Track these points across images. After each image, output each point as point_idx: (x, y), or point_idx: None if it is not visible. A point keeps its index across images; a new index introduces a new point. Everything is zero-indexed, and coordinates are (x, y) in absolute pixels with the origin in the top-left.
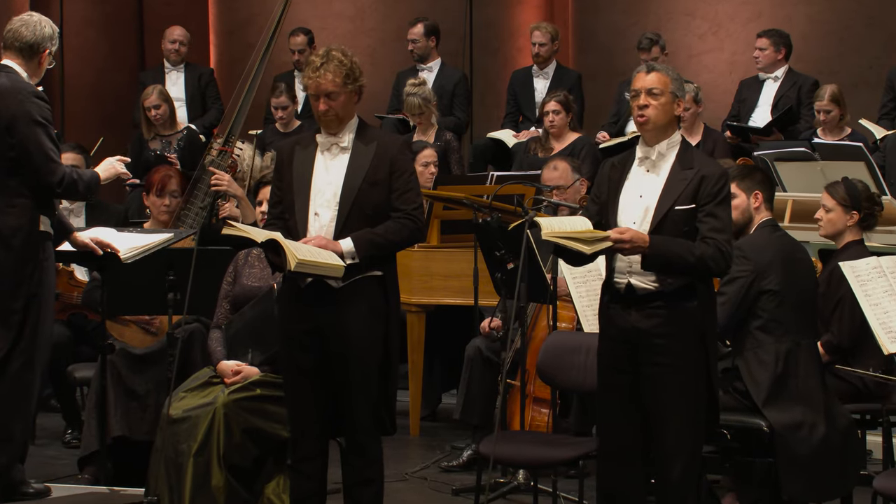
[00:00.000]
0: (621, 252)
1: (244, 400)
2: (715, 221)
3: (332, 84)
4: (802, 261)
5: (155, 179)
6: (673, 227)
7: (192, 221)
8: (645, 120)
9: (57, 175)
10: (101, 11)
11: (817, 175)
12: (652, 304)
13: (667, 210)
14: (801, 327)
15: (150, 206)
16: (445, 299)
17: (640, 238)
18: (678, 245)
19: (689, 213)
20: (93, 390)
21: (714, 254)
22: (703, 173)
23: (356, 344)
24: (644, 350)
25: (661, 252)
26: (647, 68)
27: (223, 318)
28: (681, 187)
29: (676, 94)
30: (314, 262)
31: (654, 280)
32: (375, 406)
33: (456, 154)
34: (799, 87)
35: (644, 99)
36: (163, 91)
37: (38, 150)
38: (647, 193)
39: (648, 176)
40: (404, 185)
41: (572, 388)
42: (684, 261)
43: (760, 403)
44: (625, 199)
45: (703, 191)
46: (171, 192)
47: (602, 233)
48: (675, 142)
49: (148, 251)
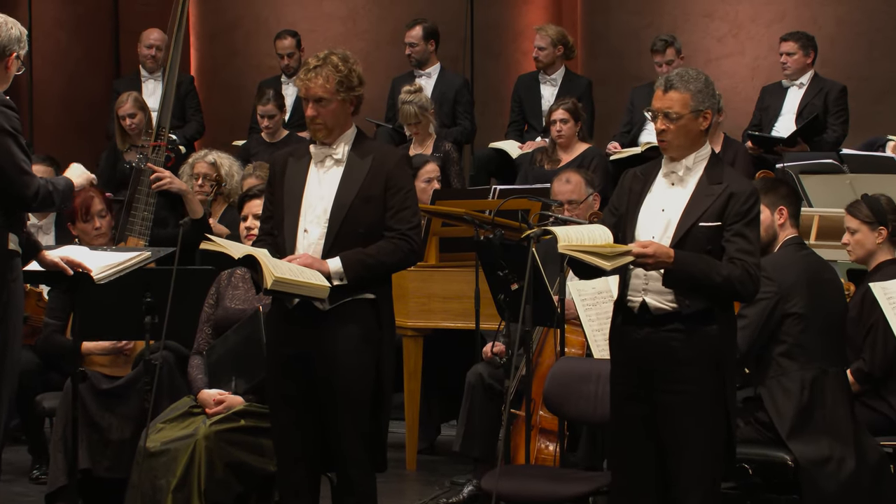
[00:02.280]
0: (644, 267)
1: (227, 432)
2: (744, 242)
3: (322, 90)
4: (830, 282)
5: (77, 205)
6: (695, 245)
7: (140, 228)
8: (665, 146)
9: (31, 188)
10: (73, 13)
11: (846, 189)
12: (667, 327)
13: (690, 226)
14: (828, 354)
15: (80, 235)
16: (444, 323)
17: (665, 252)
18: (704, 262)
19: (714, 231)
20: (60, 420)
21: (742, 276)
22: (732, 190)
23: (345, 371)
24: (658, 376)
25: (687, 268)
26: (665, 85)
27: (204, 344)
28: (707, 203)
29: (699, 109)
30: (293, 280)
31: (671, 300)
32: (367, 438)
33: (456, 166)
34: (826, 94)
35: (661, 123)
36: (138, 98)
37: (8, 162)
38: (670, 207)
39: (673, 189)
40: (400, 202)
41: (581, 418)
42: (710, 280)
43: (785, 435)
44: (645, 213)
45: (731, 209)
46: (98, 213)
47: (623, 247)
48: (703, 155)
49: (123, 271)
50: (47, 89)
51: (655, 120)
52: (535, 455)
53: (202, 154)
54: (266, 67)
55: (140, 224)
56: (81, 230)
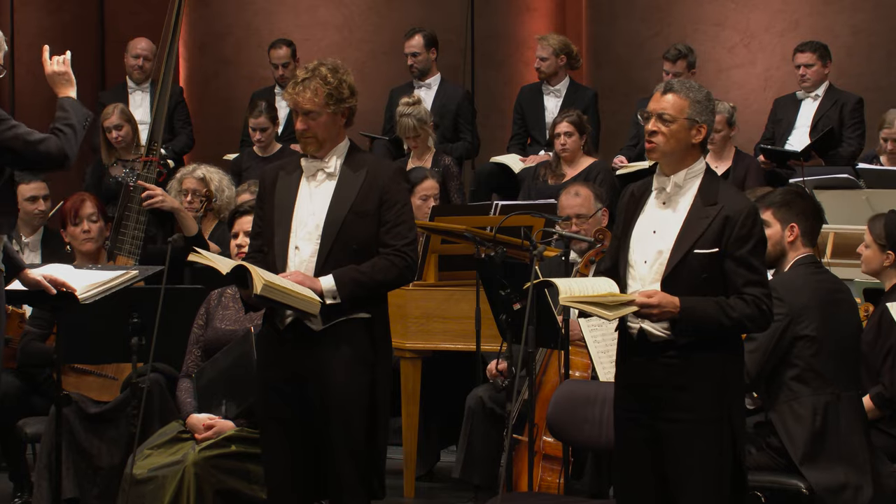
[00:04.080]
0: (649, 318)
1: (217, 458)
2: (749, 273)
3: (311, 103)
4: (844, 302)
5: (66, 208)
6: (690, 273)
7: (129, 247)
8: (652, 147)
9: (52, 146)
10: (57, 21)
11: (862, 205)
12: (666, 353)
13: (684, 253)
14: (841, 377)
15: (70, 240)
16: (444, 344)
17: (670, 302)
18: (712, 307)
19: (711, 259)
20: (44, 447)
21: (753, 313)
22: (727, 212)
23: (338, 394)
24: (658, 404)
25: (695, 317)
26: (664, 88)
27: (193, 366)
28: (701, 227)
29: (695, 120)
30: (284, 288)
31: (667, 327)
32: (362, 464)
33: (456, 181)
34: (841, 106)
35: (653, 124)
36: (124, 110)
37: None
38: (662, 231)
39: (665, 210)
40: (395, 217)
41: (586, 444)
42: (719, 324)
43: (798, 461)
44: (637, 235)
45: (728, 233)
46: (88, 217)
47: (626, 296)
48: (695, 172)
49: (109, 290)
50: (30, 101)
51: (648, 121)
52: (539, 482)
53: (191, 169)
54: (259, 78)
55: (130, 243)
56: (71, 235)
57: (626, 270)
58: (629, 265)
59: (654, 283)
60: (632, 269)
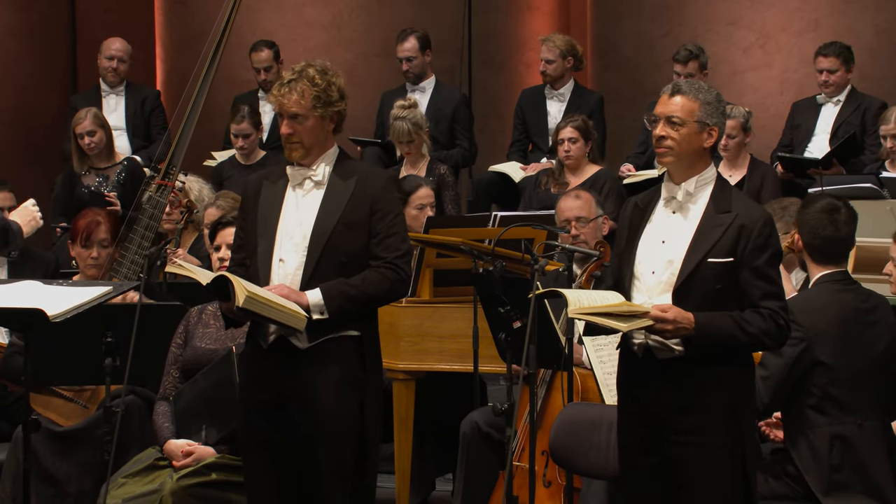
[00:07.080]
0: (662, 335)
1: (197, 486)
2: (767, 286)
3: (297, 106)
4: (877, 323)
5: (80, 226)
6: (703, 283)
7: (126, 271)
8: (663, 152)
9: None
10: (25, 19)
11: (886, 216)
12: (673, 371)
13: (697, 262)
14: (864, 405)
15: (77, 258)
16: (439, 364)
17: (686, 318)
18: (728, 322)
19: (726, 268)
20: (9, 475)
21: (770, 328)
22: (741, 221)
23: (326, 418)
24: (666, 427)
25: (711, 333)
26: (672, 89)
27: (171, 388)
28: (715, 235)
29: (706, 123)
30: (268, 300)
31: (676, 342)
32: (351, 494)
33: (452, 190)
34: (864, 111)
35: (662, 128)
36: (98, 115)
37: None
38: (673, 240)
39: (674, 218)
40: (387, 228)
41: (591, 471)
42: (736, 340)
43: (818, 492)
44: (644, 245)
45: (743, 243)
46: (100, 242)
47: (641, 307)
48: (707, 179)
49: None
50: None
51: (656, 125)
52: None
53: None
54: (241, 81)
55: (128, 267)
56: (78, 254)
57: (631, 282)
58: (634, 277)
59: (662, 295)
60: (637, 280)
